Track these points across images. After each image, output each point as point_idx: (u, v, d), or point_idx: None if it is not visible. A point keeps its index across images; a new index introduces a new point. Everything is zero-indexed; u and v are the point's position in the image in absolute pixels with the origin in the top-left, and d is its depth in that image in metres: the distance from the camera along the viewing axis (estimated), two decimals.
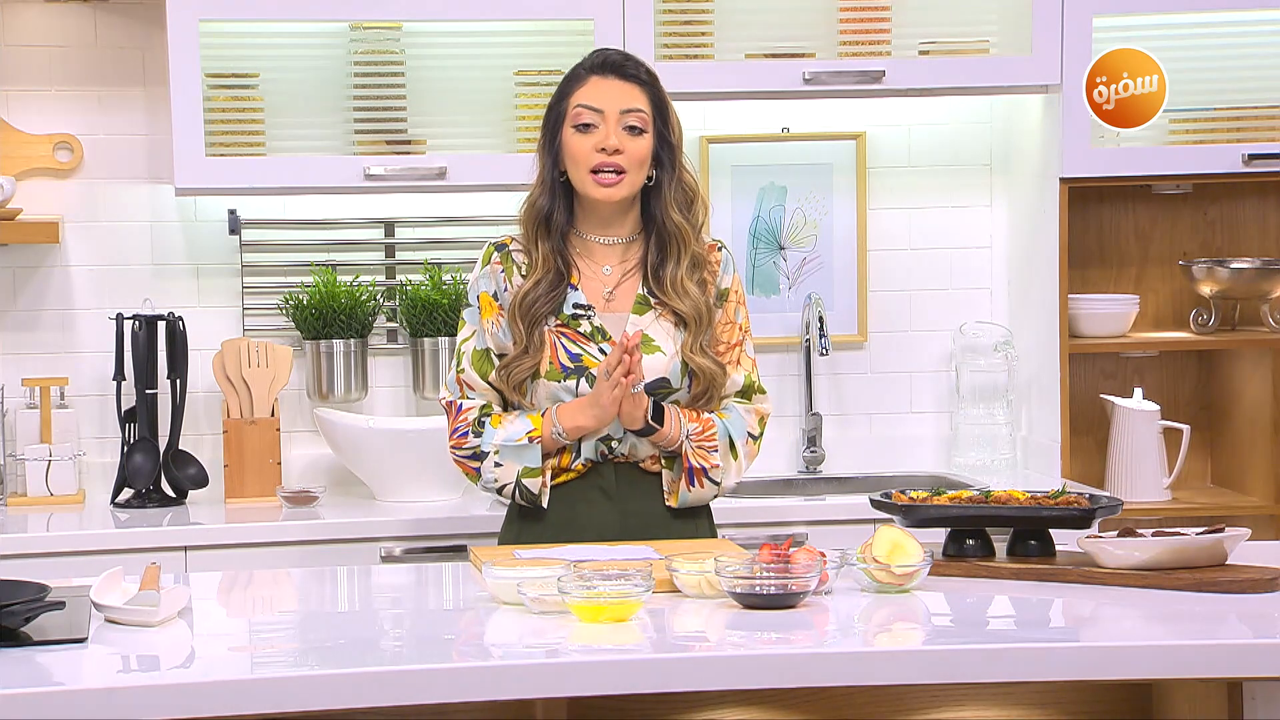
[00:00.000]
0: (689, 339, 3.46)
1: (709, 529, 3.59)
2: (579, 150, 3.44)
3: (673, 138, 3.50)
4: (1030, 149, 4.70)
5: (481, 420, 3.47)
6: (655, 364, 3.46)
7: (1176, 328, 4.83)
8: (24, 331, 4.58)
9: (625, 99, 3.46)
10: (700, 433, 3.46)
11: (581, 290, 3.50)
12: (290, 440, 4.62)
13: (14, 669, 2.61)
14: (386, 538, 4.16)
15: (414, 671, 2.60)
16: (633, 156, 3.44)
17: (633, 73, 3.49)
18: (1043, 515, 3.21)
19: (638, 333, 3.41)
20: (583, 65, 3.51)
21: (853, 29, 4.56)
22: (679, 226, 3.48)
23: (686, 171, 3.53)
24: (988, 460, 4.75)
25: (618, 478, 3.50)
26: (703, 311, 3.47)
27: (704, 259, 3.52)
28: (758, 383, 3.57)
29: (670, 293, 3.47)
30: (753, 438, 3.53)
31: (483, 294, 3.53)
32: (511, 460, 3.45)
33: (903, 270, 4.88)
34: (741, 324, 3.56)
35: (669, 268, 3.48)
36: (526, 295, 3.47)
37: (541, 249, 3.49)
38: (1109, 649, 2.73)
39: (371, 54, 4.51)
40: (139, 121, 4.60)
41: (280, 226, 4.65)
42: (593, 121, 3.45)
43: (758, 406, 3.56)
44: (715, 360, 3.48)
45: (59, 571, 3.52)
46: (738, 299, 3.56)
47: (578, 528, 3.47)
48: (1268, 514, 4.65)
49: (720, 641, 2.79)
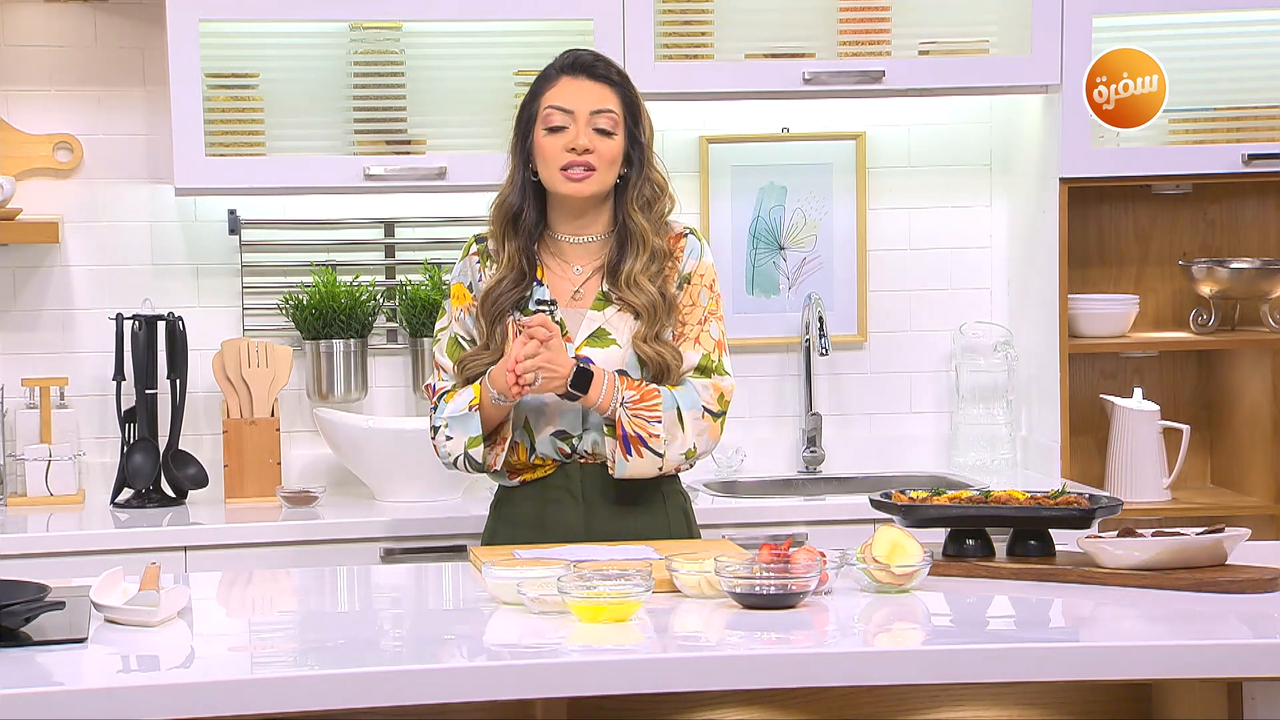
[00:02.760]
0: (641, 329, 3.47)
1: (686, 530, 3.58)
2: (549, 150, 3.46)
3: (643, 137, 3.52)
4: (1030, 149, 4.70)
5: (441, 396, 3.50)
6: (611, 357, 3.47)
7: (1176, 328, 4.83)
8: (24, 331, 4.58)
9: (596, 99, 3.47)
10: (638, 400, 3.42)
11: (547, 286, 3.51)
12: (290, 440, 4.62)
13: (14, 669, 2.61)
14: (386, 538, 4.16)
15: (414, 671, 2.60)
16: (603, 156, 3.46)
17: (603, 73, 3.50)
18: (1043, 515, 3.21)
19: (542, 317, 3.40)
20: (553, 66, 3.53)
21: (853, 29, 4.56)
22: (640, 226, 3.49)
23: (655, 170, 3.54)
24: (988, 460, 4.75)
25: (584, 478, 3.51)
26: (657, 303, 3.47)
27: (665, 252, 3.52)
28: (718, 363, 3.51)
29: (624, 288, 3.48)
30: (710, 413, 3.48)
31: (457, 284, 3.58)
32: (459, 431, 3.47)
33: (903, 270, 4.88)
34: (707, 306, 3.54)
35: (626, 264, 3.49)
36: (489, 292, 3.50)
37: (509, 247, 3.51)
38: (1109, 649, 2.73)
39: (371, 54, 4.51)
40: (139, 121, 4.60)
41: (280, 226, 4.65)
42: (563, 123, 3.46)
43: (716, 382, 3.50)
44: (670, 348, 3.47)
45: (59, 571, 3.52)
46: (703, 282, 3.54)
47: (546, 528, 3.49)
48: (1268, 514, 4.65)
49: (720, 641, 2.79)
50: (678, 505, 3.59)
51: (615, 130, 3.47)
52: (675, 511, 3.57)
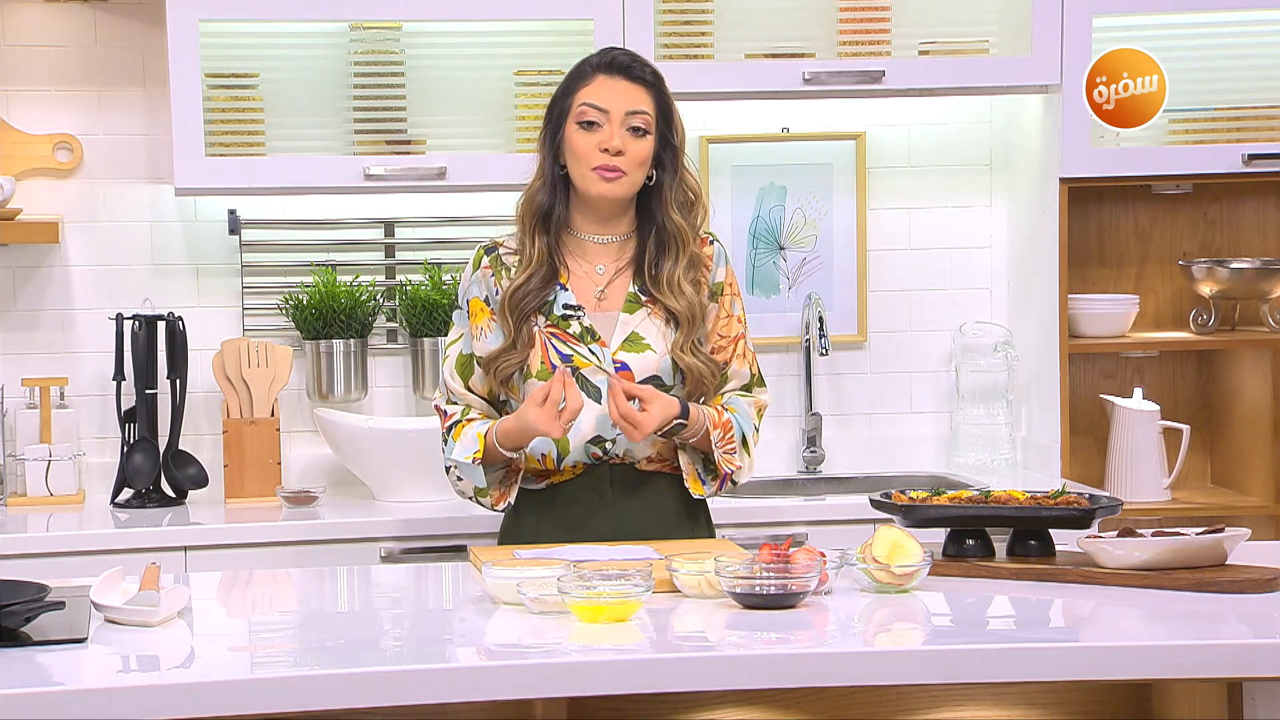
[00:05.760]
0: (680, 338, 3.46)
1: (707, 529, 3.60)
2: (582, 147, 3.44)
3: (675, 139, 3.50)
4: (1030, 149, 4.70)
5: (450, 429, 3.50)
6: (646, 362, 3.47)
7: (1176, 328, 4.83)
8: (24, 331, 4.58)
9: (631, 100, 3.46)
10: (723, 438, 3.47)
11: (571, 290, 3.50)
12: (290, 440, 4.62)
13: (14, 669, 2.61)
14: (386, 538, 4.16)
15: (414, 671, 2.60)
16: (634, 158, 3.44)
17: (639, 74, 3.49)
18: (1043, 515, 3.21)
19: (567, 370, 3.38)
20: (589, 63, 3.51)
21: (852, 29, 4.57)
22: (679, 227, 3.48)
23: (689, 173, 3.53)
24: (988, 460, 4.75)
25: (613, 480, 3.50)
26: (696, 311, 3.47)
27: (700, 259, 3.52)
28: (758, 377, 3.60)
29: (666, 291, 3.47)
30: (755, 430, 3.55)
31: (474, 299, 3.54)
32: (466, 477, 3.48)
33: (903, 270, 4.88)
34: (739, 316, 3.57)
35: (667, 266, 3.48)
36: (517, 290, 3.47)
37: (537, 244, 3.49)
38: (1109, 649, 2.73)
39: (371, 54, 4.51)
40: (139, 121, 4.60)
41: (280, 226, 4.65)
42: (597, 120, 3.45)
43: (758, 399, 3.58)
44: (706, 359, 3.48)
45: (59, 571, 3.52)
46: (733, 291, 3.57)
47: (575, 529, 3.48)
48: (1268, 514, 4.65)
49: (720, 641, 2.79)
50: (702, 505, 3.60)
51: (648, 131, 3.46)
52: (700, 511, 3.58)
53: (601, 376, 3.44)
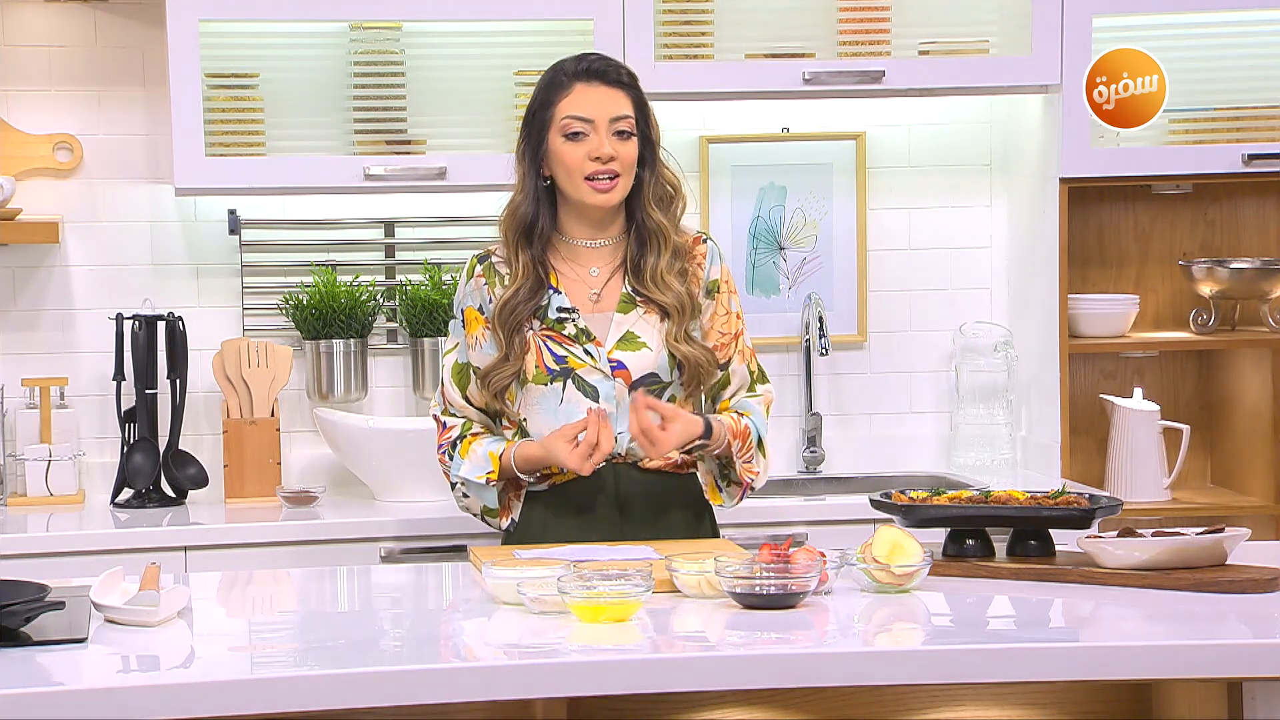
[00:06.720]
0: (672, 328, 3.47)
1: (712, 529, 3.60)
2: (571, 158, 3.44)
3: (654, 135, 3.52)
4: (1030, 149, 4.70)
5: (455, 443, 3.50)
6: (642, 360, 3.47)
7: (1176, 328, 4.83)
8: (24, 331, 4.58)
9: (613, 106, 3.46)
10: (743, 448, 3.49)
11: (565, 293, 3.50)
12: (290, 440, 4.62)
13: (14, 669, 2.61)
14: (386, 538, 4.16)
15: (414, 671, 2.60)
16: (625, 161, 3.45)
17: (616, 78, 3.49)
18: (1043, 515, 3.21)
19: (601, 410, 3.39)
20: (564, 71, 3.49)
21: (852, 29, 4.56)
22: (659, 223, 3.49)
23: (666, 168, 3.54)
24: (988, 460, 4.75)
25: (617, 478, 3.50)
26: (685, 302, 3.48)
27: (686, 249, 3.53)
28: (759, 372, 3.61)
29: (652, 286, 3.48)
30: (766, 429, 3.57)
31: (468, 309, 3.55)
32: (474, 495, 3.49)
33: (903, 270, 4.88)
34: (738, 313, 3.57)
35: (650, 261, 3.48)
36: (507, 303, 3.47)
37: (522, 257, 3.49)
38: (1109, 649, 2.73)
39: (371, 54, 4.51)
40: (139, 121, 4.60)
41: (280, 226, 4.65)
42: (583, 130, 3.44)
43: (765, 395, 3.59)
44: (701, 346, 3.49)
45: (59, 571, 3.52)
46: (729, 288, 3.57)
47: (580, 527, 3.48)
48: (1268, 514, 4.65)
49: (720, 641, 2.79)
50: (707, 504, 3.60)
51: (633, 133, 3.47)
52: (704, 510, 3.59)
53: (597, 376, 3.45)
